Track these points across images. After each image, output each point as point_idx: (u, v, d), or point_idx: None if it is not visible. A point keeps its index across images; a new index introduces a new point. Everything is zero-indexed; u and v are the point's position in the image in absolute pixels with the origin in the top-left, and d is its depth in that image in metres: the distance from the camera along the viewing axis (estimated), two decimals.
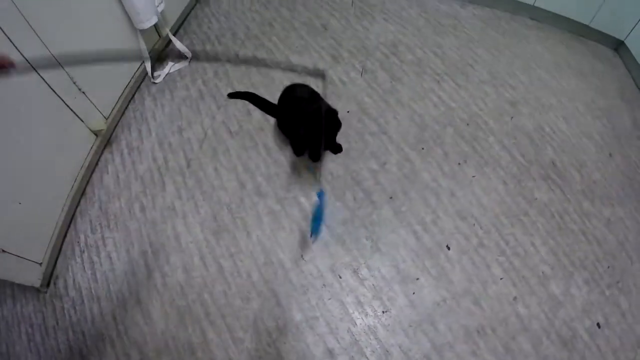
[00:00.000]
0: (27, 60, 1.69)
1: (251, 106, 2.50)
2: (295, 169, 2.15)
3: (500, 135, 2.34)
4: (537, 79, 2.67)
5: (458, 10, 3.10)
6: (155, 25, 2.54)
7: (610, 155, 2.34)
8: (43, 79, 1.86)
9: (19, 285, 1.88)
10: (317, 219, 1.78)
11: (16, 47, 1.66)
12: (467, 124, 2.37)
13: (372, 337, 1.76)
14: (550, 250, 1.97)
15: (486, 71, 2.67)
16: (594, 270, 1.94)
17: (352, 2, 3.14)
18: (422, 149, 2.25)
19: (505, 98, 2.53)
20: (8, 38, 1.63)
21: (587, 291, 1.88)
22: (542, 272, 1.90)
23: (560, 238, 2.01)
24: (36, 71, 1.80)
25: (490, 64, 2.72)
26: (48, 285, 2.00)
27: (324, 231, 1.98)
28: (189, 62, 2.80)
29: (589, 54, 2.91)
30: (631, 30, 2.78)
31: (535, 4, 2.98)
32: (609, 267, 1.95)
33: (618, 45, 2.96)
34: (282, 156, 2.23)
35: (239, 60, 2.88)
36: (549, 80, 2.67)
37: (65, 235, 2.11)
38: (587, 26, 2.93)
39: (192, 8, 3.23)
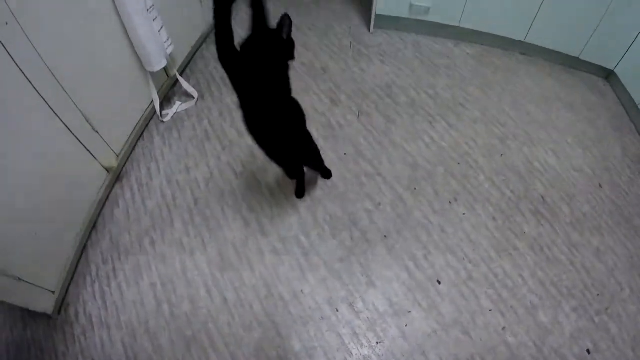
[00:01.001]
0: (47, 102, 1.83)
1: (255, 148, 2.51)
2: (295, 209, 2.26)
3: (490, 173, 2.43)
4: (527, 114, 2.76)
5: (451, 49, 3.21)
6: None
7: (599, 185, 2.43)
8: (60, 119, 1.95)
9: (30, 310, 1.93)
10: None
11: (36, 90, 1.79)
12: (458, 163, 2.47)
13: None
14: (539, 281, 2.04)
15: (477, 109, 2.77)
16: (583, 298, 2.01)
17: (351, 44, 3.27)
18: (415, 189, 2.35)
19: (495, 135, 2.62)
20: (30, 84, 1.75)
21: (576, 318, 1.95)
22: (531, 302, 1.98)
23: (548, 269, 2.09)
24: (54, 112, 1.90)
25: (482, 102, 2.82)
26: (59, 312, 2.07)
27: (322, 268, 2.09)
28: (196, 102, 2.91)
29: (580, 85, 3.01)
30: (620, 60, 2.87)
31: (526, 40, 3.08)
32: (598, 294, 2.03)
33: (608, 75, 3.06)
34: (284, 197, 2.34)
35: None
36: (538, 114, 2.77)
37: (77, 266, 2.19)
38: (577, 58, 3.03)
39: (198, 48, 3.34)
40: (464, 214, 2.26)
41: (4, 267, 1.70)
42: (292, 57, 1.79)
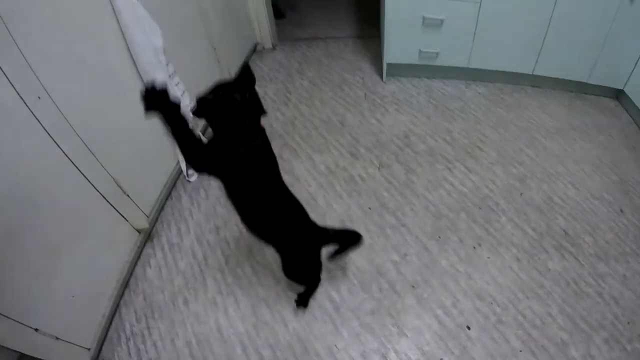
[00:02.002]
0: (80, 170, 1.96)
1: None
2: (323, 264, 2.26)
3: (511, 214, 2.48)
4: (543, 149, 2.83)
5: (463, 90, 3.33)
6: None
7: (620, 210, 2.47)
8: (94, 187, 2.06)
9: None
10: None
11: (70, 160, 1.91)
12: (479, 207, 2.53)
13: None
14: (567, 317, 2.06)
15: (494, 151, 2.85)
16: (613, 329, 2.02)
17: (365, 95, 3.40)
18: (439, 237, 2.41)
19: (513, 175, 2.69)
20: (64, 154, 1.88)
21: (608, 350, 1.96)
22: (561, 339, 2.00)
23: (576, 304, 2.11)
24: (88, 180, 2.03)
25: (497, 143, 2.90)
26: None
27: (355, 322, 2.13)
28: None
29: (591, 109, 3.10)
30: (629, 77, 2.97)
31: (534, 72, 3.18)
32: (628, 322, 2.04)
33: (618, 94, 3.17)
34: None
35: None
36: (554, 148, 2.84)
37: (110, 324, 2.25)
38: (586, 83, 3.13)
39: None
40: (489, 257, 2.31)
41: (42, 327, 1.78)
42: (262, 113, 1.62)
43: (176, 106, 1.41)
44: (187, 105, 2.58)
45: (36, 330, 1.75)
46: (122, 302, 2.33)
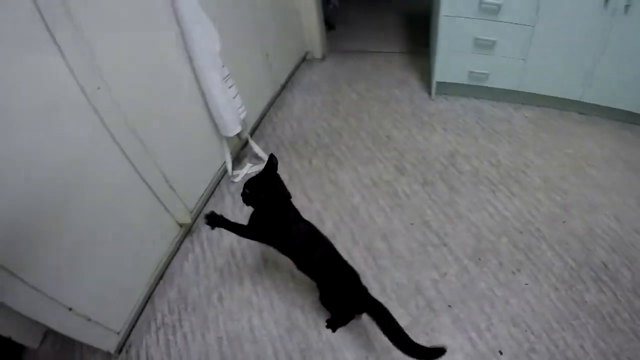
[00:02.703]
0: (131, 162, 2.08)
1: (323, 214, 2.75)
2: (363, 276, 2.21)
3: (552, 242, 2.48)
4: (589, 178, 2.82)
5: (511, 113, 3.34)
6: None
7: None
8: (141, 177, 2.17)
9: (89, 346, 2.02)
10: None
11: (122, 151, 2.02)
12: (521, 232, 2.53)
13: None
14: (600, 352, 2.04)
15: (538, 177, 2.85)
16: None
17: (413, 111, 3.44)
18: (479, 259, 2.42)
19: (557, 203, 2.69)
20: (118, 145, 1.99)
21: None
22: None
23: (610, 338, 2.09)
24: (137, 171, 2.13)
25: (543, 169, 2.90)
26: (120, 352, 2.17)
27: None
28: None
29: None
30: None
31: (583, 99, 3.16)
32: None
33: None
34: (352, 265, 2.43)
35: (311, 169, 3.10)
36: (599, 178, 2.83)
37: (142, 311, 2.31)
38: (636, 114, 3.10)
39: (267, 111, 3.59)
40: (527, 284, 2.31)
41: (75, 306, 1.87)
42: (288, 196, 1.99)
43: (228, 221, 1.94)
44: (238, 107, 2.73)
45: (70, 309, 1.85)
46: (156, 292, 2.42)
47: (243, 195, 1.94)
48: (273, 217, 1.91)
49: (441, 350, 1.71)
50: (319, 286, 2.08)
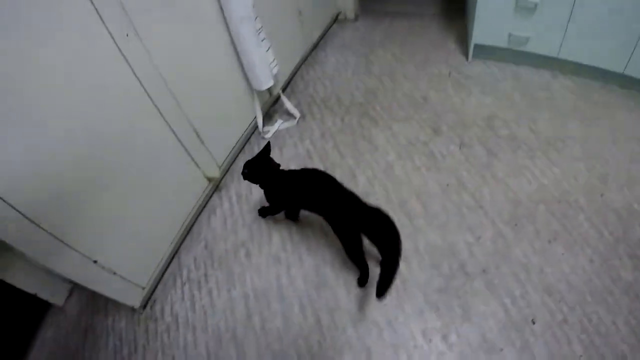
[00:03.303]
0: (161, 114, 2.08)
1: (356, 170, 2.72)
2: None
3: (589, 213, 2.43)
4: (629, 153, 2.74)
5: (550, 81, 3.24)
6: None
7: None
8: (172, 130, 2.18)
9: (113, 301, 2.06)
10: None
11: (151, 99, 2.02)
12: (559, 202, 2.48)
13: None
14: (631, 330, 2.01)
15: (578, 146, 2.78)
16: None
17: (449, 73, 3.36)
18: (515, 225, 2.38)
19: (595, 174, 2.62)
20: (146, 93, 1.98)
21: None
22: (621, 351, 1.95)
23: None
24: (167, 123, 2.14)
25: (582, 139, 2.82)
26: (145, 307, 2.22)
27: (420, 297, 2.15)
28: (297, 122, 3.07)
29: None
30: None
31: (625, 72, 3.03)
32: None
33: None
34: None
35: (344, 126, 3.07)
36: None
37: (167, 267, 2.35)
38: None
39: (299, 69, 3.55)
40: (563, 254, 2.27)
41: (101, 259, 1.87)
42: (275, 166, 2.26)
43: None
44: (270, 62, 2.69)
45: (95, 262, 1.85)
46: (183, 247, 2.42)
47: (243, 174, 2.17)
48: (268, 178, 2.17)
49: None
50: (331, 225, 2.08)
